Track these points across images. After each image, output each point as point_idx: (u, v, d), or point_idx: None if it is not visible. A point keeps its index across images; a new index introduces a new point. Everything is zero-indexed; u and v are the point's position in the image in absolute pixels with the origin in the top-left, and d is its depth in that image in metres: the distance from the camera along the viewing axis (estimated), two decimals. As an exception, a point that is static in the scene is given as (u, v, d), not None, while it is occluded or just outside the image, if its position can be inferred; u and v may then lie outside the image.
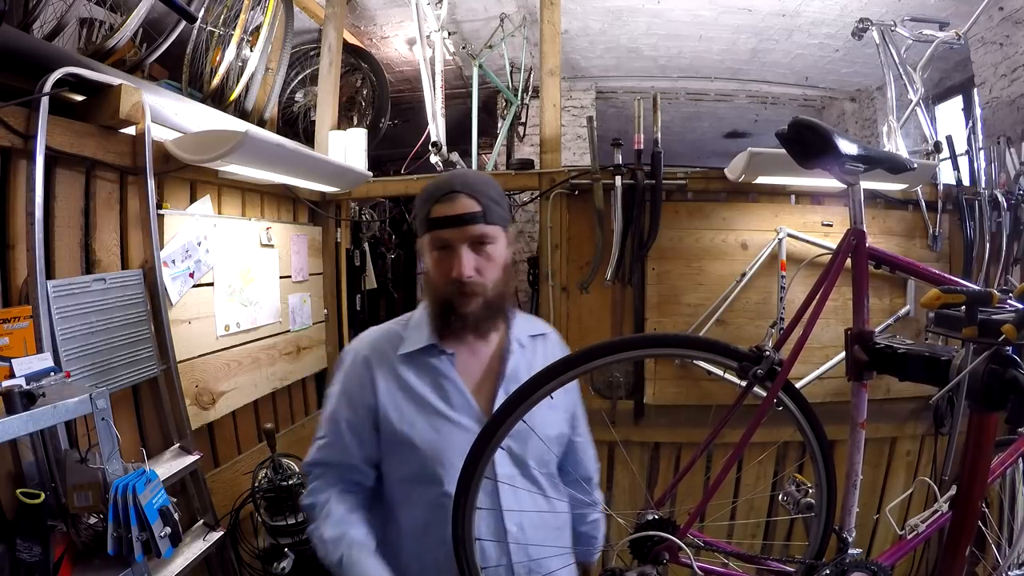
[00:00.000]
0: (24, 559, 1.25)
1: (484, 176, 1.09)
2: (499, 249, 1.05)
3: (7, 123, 1.32)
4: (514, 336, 1.13)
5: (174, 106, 1.87)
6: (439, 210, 1.02)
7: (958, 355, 0.98)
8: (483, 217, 1.01)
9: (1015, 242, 2.50)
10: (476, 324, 1.05)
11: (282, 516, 1.93)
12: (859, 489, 1.27)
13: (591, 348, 1.00)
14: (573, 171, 2.45)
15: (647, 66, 4.46)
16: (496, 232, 1.04)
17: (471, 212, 1.01)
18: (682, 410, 2.39)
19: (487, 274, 1.04)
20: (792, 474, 1.43)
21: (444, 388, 1.06)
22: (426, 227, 1.04)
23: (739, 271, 2.34)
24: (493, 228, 1.03)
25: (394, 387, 1.06)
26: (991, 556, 1.74)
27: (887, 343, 1.14)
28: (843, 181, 1.22)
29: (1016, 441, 1.31)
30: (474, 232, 1.01)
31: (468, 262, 1.01)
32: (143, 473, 1.36)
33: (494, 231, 1.03)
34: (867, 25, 2.91)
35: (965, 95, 3.92)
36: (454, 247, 1.02)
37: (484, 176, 1.09)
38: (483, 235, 1.02)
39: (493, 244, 1.04)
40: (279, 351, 2.41)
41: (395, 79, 4.35)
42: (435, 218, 1.02)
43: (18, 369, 1.19)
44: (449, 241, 1.02)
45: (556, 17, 2.64)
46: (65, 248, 1.51)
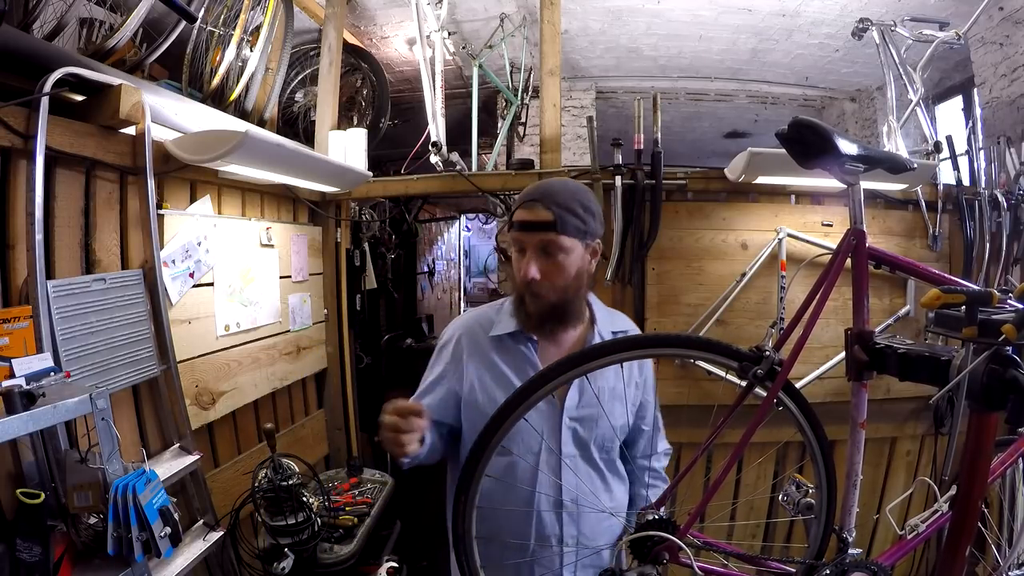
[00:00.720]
0: (24, 559, 1.25)
1: (572, 187, 1.16)
2: (570, 258, 1.13)
3: (7, 123, 1.32)
4: (597, 330, 1.24)
5: (174, 106, 1.87)
6: (519, 215, 1.14)
7: (958, 355, 0.98)
8: (555, 227, 1.10)
9: (1015, 242, 2.50)
10: (541, 321, 1.17)
11: (282, 516, 1.93)
12: (859, 489, 1.28)
13: (591, 348, 1.01)
14: (573, 171, 2.45)
15: (647, 66, 4.46)
16: (567, 242, 1.12)
17: (543, 220, 1.11)
18: (682, 410, 2.38)
19: (553, 278, 1.13)
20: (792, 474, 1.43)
21: (525, 370, 1.17)
22: (511, 228, 1.17)
23: (739, 271, 2.34)
24: (564, 238, 1.11)
25: (481, 365, 1.20)
26: (991, 556, 1.74)
27: (887, 343, 1.14)
28: (843, 181, 1.22)
29: (1016, 441, 1.31)
30: (543, 239, 1.11)
31: (535, 266, 1.12)
32: (143, 473, 1.36)
33: (564, 241, 1.11)
34: (867, 25, 2.91)
35: (965, 95, 3.93)
36: (527, 251, 1.13)
37: (572, 187, 1.16)
38: (550, 242, 1.11)
39: (564, 253, 1.12)
40: (279, 351, 2.41)
41: (395, 79, 4.35)
42: (516, 221, 1.14)
43: (18, 369, 1.19)
44: (523, 244, 1.14)
45: (556, 17, 2.64)
46: (65, 248, 1.51)
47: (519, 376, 1.17)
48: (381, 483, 2.50)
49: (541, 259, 1.12)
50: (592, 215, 1.15)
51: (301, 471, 2.04)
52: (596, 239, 1.19)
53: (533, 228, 1.11)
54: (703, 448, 1.61)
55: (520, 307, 1.17)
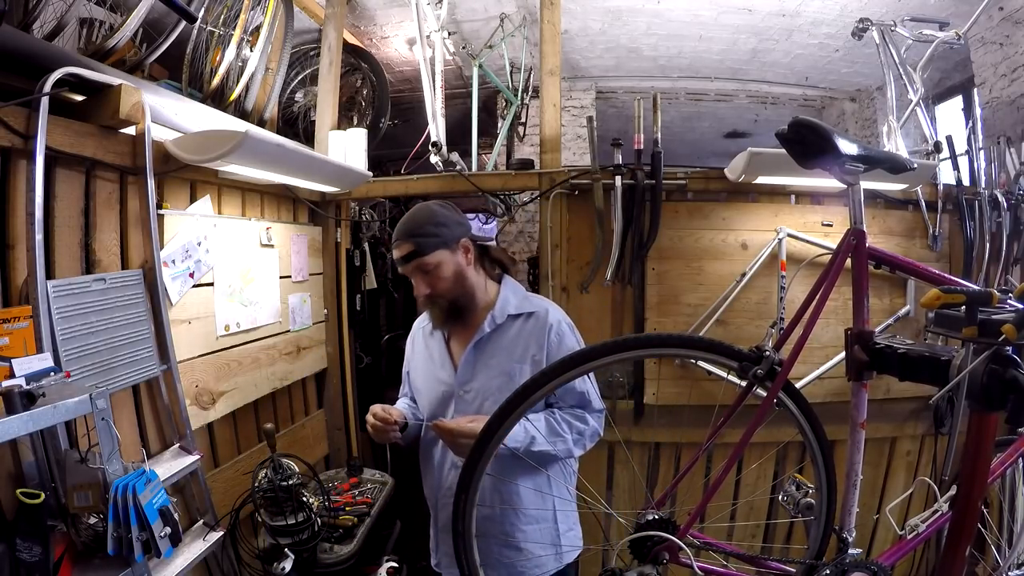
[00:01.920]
0: (24, 559, 1.25)
1: (422, 213, 1.42)
2: (444, 268, 1.40)
3: (7, 123, 1.32)
4: (492, 314, 1.45)
5: (174, 106, 1.87)
6: (394, 254, 1.42)
7: (958, 355, 0.98)
8: (418, 253, 1.37)
9: (1015, 242, 2.50)
10: (445, 321, 1.46)
11: (282, 516, 1.93)
12: (859, 489, 1.28)
13: (591, 348, 1.01)
14: (573, 171, 2.45)
15: (647, 66, 4.46)
16: (433, 259, 1.38)
17: (407, 253, 1.38)
18: (682, 410, 2.39)
19: (439, 288, 1.40)
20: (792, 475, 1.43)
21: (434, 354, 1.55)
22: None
23: (739, 271, 2.34)
24: (430, 257, 1.38)
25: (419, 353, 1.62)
26: (991, 556, 1.75)
27: (887, 343, 1.14)
28: (843, 181, 1.22)
29: (1016, 441, 1.31)
30: (414, 266, 1.39)
31: (419, 287, 1.41)
32: (143, 473, 1.36)
33: (432, 258, 1.38)
34: (867, 25, 2.91)
35: (965, 95, 3.93)
36: (410, 277, 1.43)
37: (422, 213, 1.42)
38: (422, 265, 1.38)
39: (436, 267, 1.39)
40: (279, 351, 2.41)
41: (395, 79, 4.35)
42: (393, 259, 1.47)
43: (18, 369, 1.18)
44: (407, 274, 1.43)
45: (556, 17, 2.64)
46: (65, 248, 1.51)
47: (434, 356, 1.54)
48: (381, 483, 2.50)
49: (422, 278, 1.39)
50: (444, 226, 1.40)
51: (301, 471, 2.04)
52: (460, 239, 1.42)
53: (404, 261, 1.39)
54: (703, 448, 1.61)
55: (429, 314, 1.50)
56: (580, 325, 2.44)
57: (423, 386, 1.56)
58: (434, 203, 1.46)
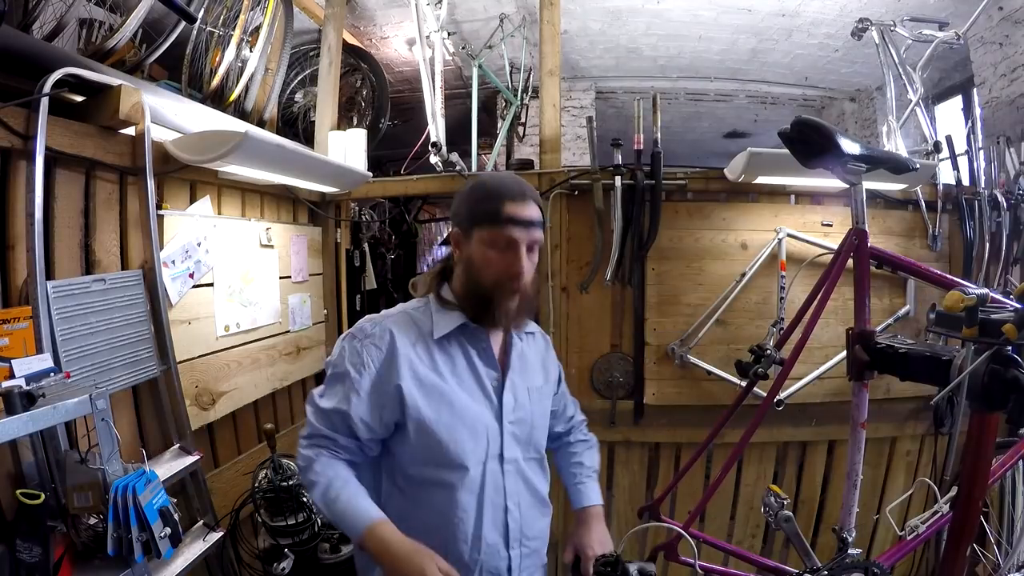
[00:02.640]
0: (24, 559, 1.24)
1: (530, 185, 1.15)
2: (539, 256, 1.13)
3: (7, 123, 1.32)
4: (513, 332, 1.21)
5: (174, 106, 1.87)
6: (513, 209, 1.05)
7: (959, 355, 0.98)
8: (542, 225, 1.09)
9: (1015, 242, 2.50)
10: (515, 317, 1.13)
11: (282, 516, 1.93)
12: (859, 489, 1.28)
13: None
14: (573, 171, 2.44)
15: (647, 66, 4.46)
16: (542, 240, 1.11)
17: (538, 219, 1.08)
18: (682, 410, 2.39)
19: (530, 276, 1.10)
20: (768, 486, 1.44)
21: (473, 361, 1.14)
22: (492, 221, 1.06)
23: (739, 271, 2.34)
24: (542, 236, 1.11)
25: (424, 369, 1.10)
26: (991, 557, 1.75)
27: (888, 343, 1.14)
28: (845, 181, 1.23)
29: (1017, 443, 1.31)
30: (536, 236, 1.08)
31: (526, 263, 1.07)
32: (143, 474, 1.35)
33: (542, 239, 1.11)
34: (867, 25, 2.91)
35: (965, 95, 3.93)
36: (516, 248, 1.06)
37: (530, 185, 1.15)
38: (539, 241, 1.10)
39: (537, 252, 1.12)
40: (279, 351, 2.41)
41: (395, 79, 4.34)
42: (509, 215, 1.05)
43: (18, 370, 1.18)
44: (516, 241, 1.06)
45: (556, 17, 2.64)
46: (65, 248, 1.51)
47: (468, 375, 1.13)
48: (381, 483, 2.50)
49: (529, 257, 1.08)
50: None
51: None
52: None
53: (532, 224, 1.06)
54: (702, 447, 1.61)
55: (485, 306, 1.09)
56: (580, 325, 2.47)
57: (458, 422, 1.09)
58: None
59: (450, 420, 1.09)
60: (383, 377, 1.08)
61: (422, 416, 1.08)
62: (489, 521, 1.11)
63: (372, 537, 0.99)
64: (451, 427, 1.08)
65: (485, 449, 1.11)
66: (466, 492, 1.09)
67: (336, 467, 1.09)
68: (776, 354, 1.60)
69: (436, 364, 1.11)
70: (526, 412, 1.16)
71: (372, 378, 1.08)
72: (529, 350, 1.23)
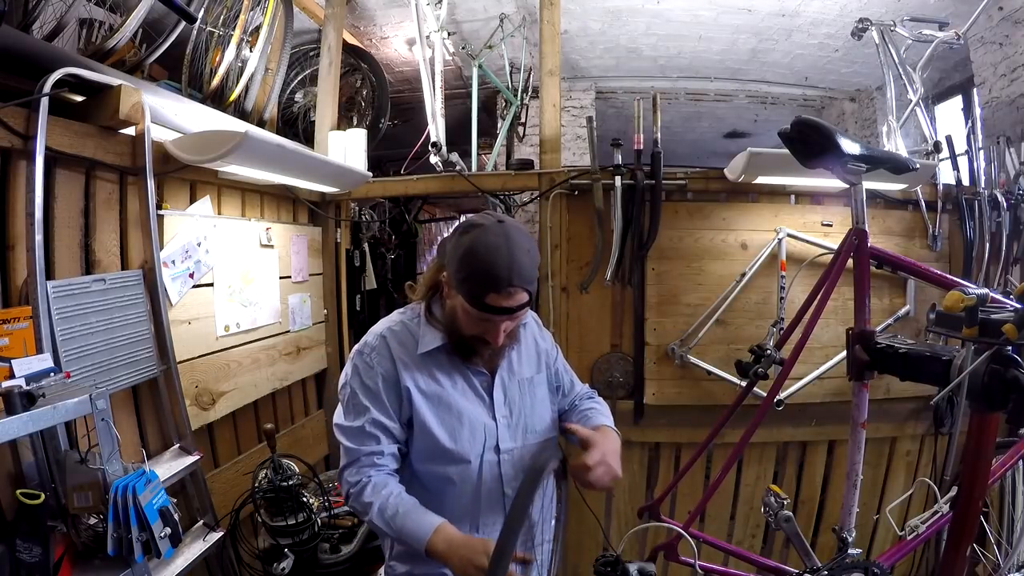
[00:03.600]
0: (24, 559, 1.24)
1: (532, 253, 1.09)
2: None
3: (7, 123, 1.32)
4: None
5: (174, 106, 1.87)
6: (495, 300, 1.03)
7: (959, 355, 0.98)
8: (528, 304, 1.09)
9: (1015, 242, 2.49)
10: (491, 361, 1.18)
11: (282, 516, 1.93)
12: (859, 489, 1.28)
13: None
14: (573, 171, 2.44)
15: (647, 66, 4.46)
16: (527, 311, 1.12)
17: (523, 304, 1.07)
18: (682, 410, 2.39)
19: (513, 336, 1.14)
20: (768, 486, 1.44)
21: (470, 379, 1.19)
22: (474, 303, 1.05)
23: (739, 271, 2.34)
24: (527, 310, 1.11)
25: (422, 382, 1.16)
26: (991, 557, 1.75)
27: (888, 343, 1.14)
28: (845, 181, 1.23)
29: (1017, 443, 1.31)
30: (519, 317, 1.09)
31: (502, 337, 1.10)
32: (143, 474, 1.35)
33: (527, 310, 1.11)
34: (867, 25, 2.91)
35: (965, 95, 3.93)
36: (496, 326, 1.08)
37: (532, 253, 1.09)
38: (524, 316, 1.11)
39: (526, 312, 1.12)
40: (279, 351, 2.41)
41: (395, 79, 4.34)
42: (492, 306, 1.04)
43: (18, 370, 1.18)
44: (496, 322, 1.08)
45: (556, 17, 2.64)
46: (65, 248, 1.51)
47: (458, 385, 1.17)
48: (381, 483, 2.50)
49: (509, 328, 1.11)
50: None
51: (301, 471, 2.04)
52: None
53: (509, 313, 1.06)
54: (702, 447, 1.61)
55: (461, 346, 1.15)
56: (580, 325, 2.47)
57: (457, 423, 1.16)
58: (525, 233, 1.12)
59: (449, 421, 1.15)
60: (392, 379, 1.15)
61: (423, 419, 1.14)
62: (487, 507, 1.18)
63: (438, 542, 1.03)
64: (451, 428, 1.15)
65: (483, 444, 1.17)
66: (466, 483, 1.17)
67: (388, 484, 1.12)
68: (776, 354, 1.60)
69: (431, 369, 1.17)
70: (518, 404, 1.22)
71: (384, 380, 1.15)
72: (522, 344, 1.25)
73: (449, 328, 1.15)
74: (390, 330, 1.20)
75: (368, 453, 1.13)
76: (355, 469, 1.13)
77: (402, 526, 1.06)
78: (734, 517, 2.50)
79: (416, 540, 1.04)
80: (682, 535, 1.48)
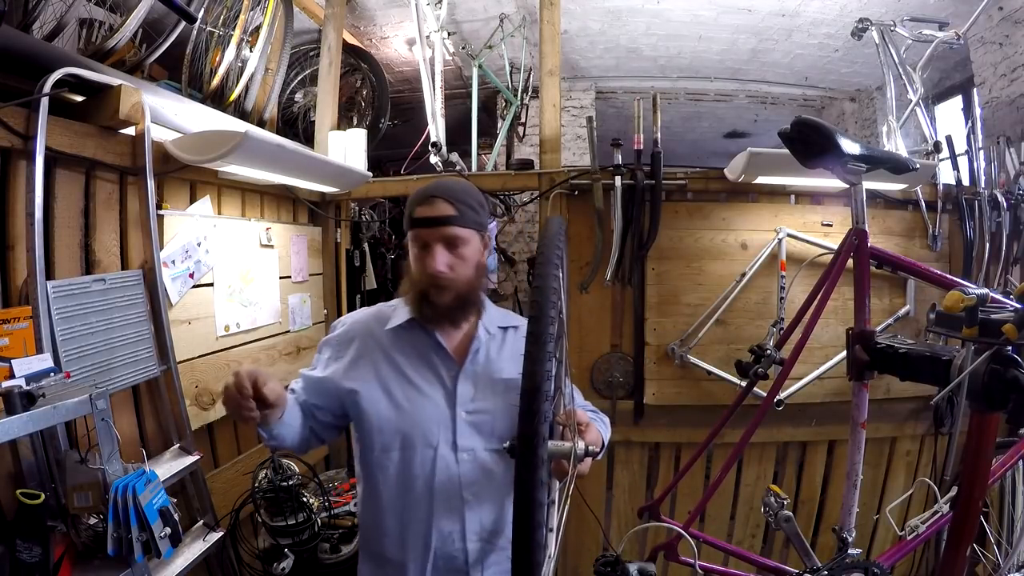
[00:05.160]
0: (24, 560, 1.24)
1: (464, 184, 1.22)
2: (471, 250, 1.17)
3: (7, 123, 1.32)
4: (483, 324, 1.24)
5: (174, 106, 1.87)
6: (420, 211, 1.15)
7: (959, 355, 0.98)
8: (457, 220, 1.14)
9: (1015, 242, 2.49)
10: (448, 313, 1.18)
11: (282, 516, 1.93)
12: (859, 489, 1.28)
13: None
14: (573, 171, 2.44)
15: (647, 66, 4.46)
16: (468, 235, 1.16)
17: (446, 215, 1.13)
18: (682, 410, 2.39)
19: (459, 271, 1.15)
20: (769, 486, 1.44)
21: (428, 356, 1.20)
22: (409, 226, 1.18)
23: (739, 271, 2.34)
24: (466, 231, 1.15)
25: (379, 362, 1.20)
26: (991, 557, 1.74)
27: (888, 343, 1.14)
28: (845, 181, 1.23)
29: (1017, 443, 1.31)
30: (447, 233, 1.13)
31: (441, 259, 1.13)
32: (143, 474, 1.35)
33: (466, 233, 1.15)
34: (867, 25, 2.91)
35: (965, 95, 3.93)
36: (431, 245, 1.14)
37: (464, 184, 1.22)
38: (455, 236, 1.14)
39: (465, 245, 1.16)
40: (279, 351, 2.41)
41: (395, 79, 4.34)
42: (416, 218, 1.16)
43: (18, 370, 1.18)
44: (426, 239, 1.14)
45: (556, 17, 2.64)
46: (65, 248, 1.51)
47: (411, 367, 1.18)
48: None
49: (445, 252, 1.14)
50: (484, 209, 1.21)
51: (301, 471, 2.04)
52: (487, 228, 1.24)
53: (436, 223, 1.13)
54: (702, 447, 1.61)
55: (423, 303, 1.16)
56: (580, 325, 2.47)
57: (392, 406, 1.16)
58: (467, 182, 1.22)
59: (399, 399, 1.15)
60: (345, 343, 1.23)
61: (372, 393, 1.16)
62: (443, 509, 1.12)
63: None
64: (398, 405, 1.15)
65: (437, 435, 1.13)
66: (416, 475, 1.13)
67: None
68: (776, 354, 1.60)
69: (396, 347, 1.20)
70: (490, 403, 1.16)
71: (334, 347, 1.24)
72: (505, 344, 1.24)
73: (410, 286, 1.20)
74: (363, 310, 1.30)
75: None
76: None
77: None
78: (734, 517, 2.51)
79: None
80: (682, 535, 1.48)
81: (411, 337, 1.20)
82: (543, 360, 0.64)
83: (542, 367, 0.64)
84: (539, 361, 0.64)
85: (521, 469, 0.63)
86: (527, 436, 0.63)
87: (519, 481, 0.63)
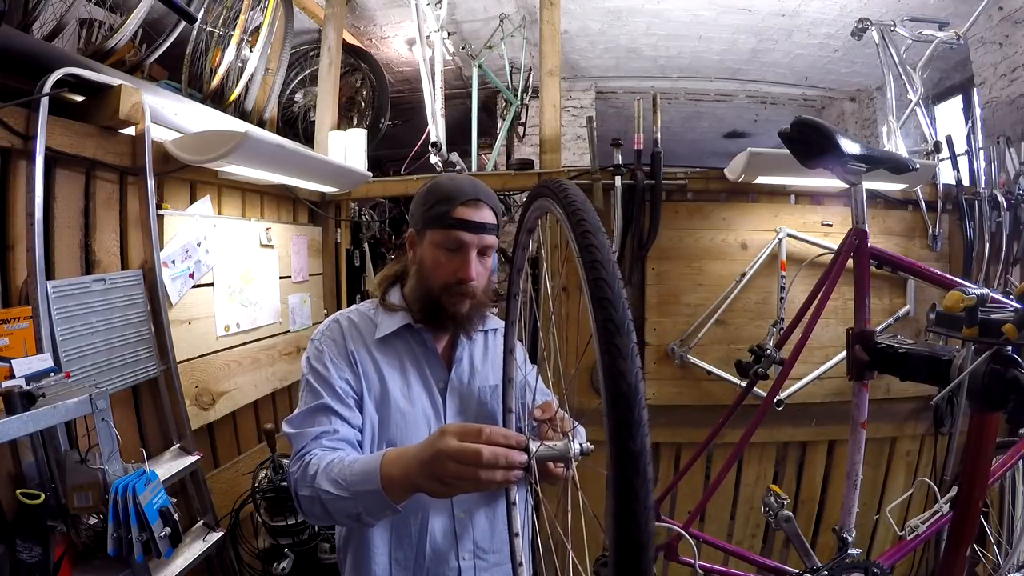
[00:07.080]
0: (24, 559, 1.25)
1: (488, 188, 1.11)
2: (492, 258, 1.12)
3: (7, 123, 1.32)
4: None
5: (174, 106, 1.87)
6: (464, 212, 1.04)
7: (959, 355, 0.98)
8: (496, 229, 1.08)
9: (1015, 242, 2.49)
10: (463, 322, 1.10)
11: (282, 516, 1.93)
12: (859, 489, 1.28)
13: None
14: (573, 171, 2.44)
15: (647, 66, 4.46)
16: (495, 242, 1.10)
17: (491, 223, 1.07)
18: (682, 410, 2.39)
19: (481, 280, 1.09)
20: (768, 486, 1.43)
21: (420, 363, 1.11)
22: (441, 225, 1.05)
23: (739, 271, 2.34)
24: (495, 238, 1.09)
25: (371, 371, 1.09)
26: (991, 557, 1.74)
27: (888, 343, 1.14)
28: (845, 181, 1.23)
29: (1017, 443, 1.31)
30: (489, 241, 1.07)
31: (476, 266, 1.06)
32: (143, 473, 1.35)
33: (495, 240, 1.09)
34: (867, 25, 2.92)
35: (965, 95, 3.93)
36: (466, 251, 1.05)
37: (488, 188, 1.11)
38: (491, 245, 1.08)
39: (491, 254, 1.10)
40: (279, 351, 2.41)
41: (395, 79, 4.35)
42: (458, 219, 1.04)
43: (18, 369, 1.18)
44: (467, 243, 1.05)
45: (556, 17, 2.64)
46: (65, 248, 1.51)
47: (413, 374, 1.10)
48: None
49: (478, 261, 1.07)
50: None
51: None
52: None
53: (481, 230, 1.05)
54: (702, 447, 1.61)
55: (434, 311, 1.08)
56: (580, 325, 2.46)
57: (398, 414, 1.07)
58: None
59: (390, 417, 1.06)
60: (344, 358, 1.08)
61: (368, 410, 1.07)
62: (436, 525, 1.06)
63: (389, 458, 0.87)
64: (394, 424, 1.06)
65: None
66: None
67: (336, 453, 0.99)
68: (776, 354, 1.60)
69: (378, 363, 1.09)
70: (474, 414, 1.11)
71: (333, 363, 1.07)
72: (488, 349, 1.19)
73: (418, 292, 1.10)
74: (343, 315, 1.15)
75: (316, 436, 0.99)
76: (298, 456, 0.98)
77: (351, 473, 0.89)
78: (734, 517, 2.50)
79: (370, 477, 0.86)
80: (682, 535, 1.48)
81: (403, 345, 1.11)
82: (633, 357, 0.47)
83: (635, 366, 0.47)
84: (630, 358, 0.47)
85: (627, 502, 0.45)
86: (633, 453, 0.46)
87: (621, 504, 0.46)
